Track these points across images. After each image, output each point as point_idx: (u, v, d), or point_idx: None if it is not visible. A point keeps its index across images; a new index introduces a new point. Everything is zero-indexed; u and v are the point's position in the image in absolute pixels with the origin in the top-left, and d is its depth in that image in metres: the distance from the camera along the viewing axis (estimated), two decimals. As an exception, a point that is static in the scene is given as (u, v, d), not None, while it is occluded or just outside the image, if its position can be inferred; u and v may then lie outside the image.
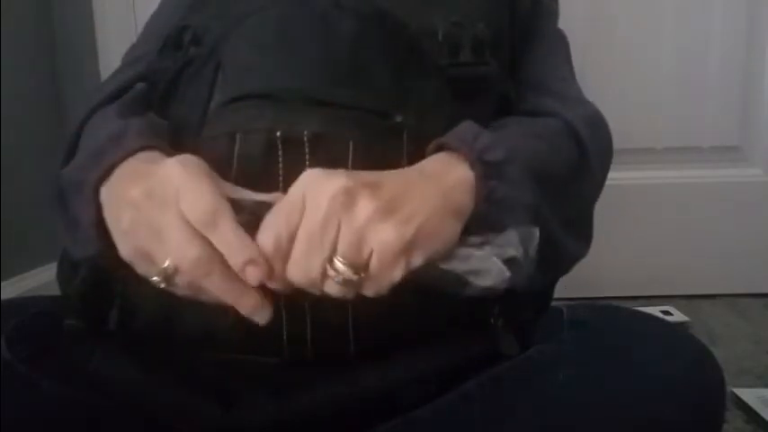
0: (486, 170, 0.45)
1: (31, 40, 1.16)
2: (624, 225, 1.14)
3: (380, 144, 0.49)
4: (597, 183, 0.58)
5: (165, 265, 0.40)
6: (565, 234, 0.52)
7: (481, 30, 0.56)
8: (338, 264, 0.39)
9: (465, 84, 0.54)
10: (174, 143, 0.52)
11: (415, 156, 0.48)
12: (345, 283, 0.39)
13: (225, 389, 0.49)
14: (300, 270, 0.39)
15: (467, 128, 0.48)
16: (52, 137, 1.11)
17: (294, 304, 0.46)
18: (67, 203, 0.50)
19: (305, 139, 0.47)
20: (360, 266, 0.39)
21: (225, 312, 0.47)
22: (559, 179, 0.52)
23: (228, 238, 0.39)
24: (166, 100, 0.56)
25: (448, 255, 0.42)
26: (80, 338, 0.50)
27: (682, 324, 1.06)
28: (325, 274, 0.39)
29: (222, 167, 0.48)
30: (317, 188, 0.40)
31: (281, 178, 0.47)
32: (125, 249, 0.42)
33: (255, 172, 0.48)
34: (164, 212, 0.40)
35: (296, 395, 0.48)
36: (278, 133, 0.47)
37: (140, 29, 0.71)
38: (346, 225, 0.39)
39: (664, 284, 1.22)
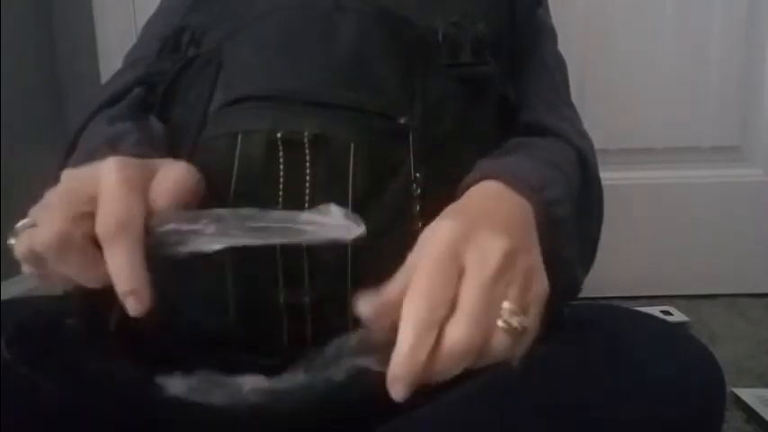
0: (551, 228, 0.44)
1: (31, 40, 1.16)
2: (624, 225, 1.14)
3: (383, 146, 0.49)
4: (601, 212, 0.58)
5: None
6: (579, 270, 0.52)
7: (481, 30, 0.56)
8: (508, 308, 0.35)
9: (466, 84, 0.54)
10: (174, 145, 0.52)
11: (423, 158, 0.48)
12: (515, 334, 0.35)
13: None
14: (473, 326, 0.34)
15: (530, 170, 0.47)
16: (52, 136, 1.11)
17: (294, 305, 0.46)
18: None
19: (305, 140, 0.47)
20: (525, 314, 0.36)
21: (225, 312, 0.47)
22: (578, 214, 0.51)
23: (120, 261, 0.37)
24: (166, 102, 0.56)
25: None
26: (80, 338, 0.50)
27: (682, 324, 1.06)
28: (495, 328, 0.35)
29: (223, 168, 0.48)
30: (476, 246, 0.36)
31: (281, 179, 0.47)
32: None
33: (256, 173, 0.48)
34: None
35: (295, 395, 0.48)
36: (278, 134, 0.47)
37: (140, 29, 0.71)
38: (515, 280, 0.36)
39: (664, 284, 1.22)
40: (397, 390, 0.34)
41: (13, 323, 0.50)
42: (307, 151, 0.47)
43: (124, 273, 0.37)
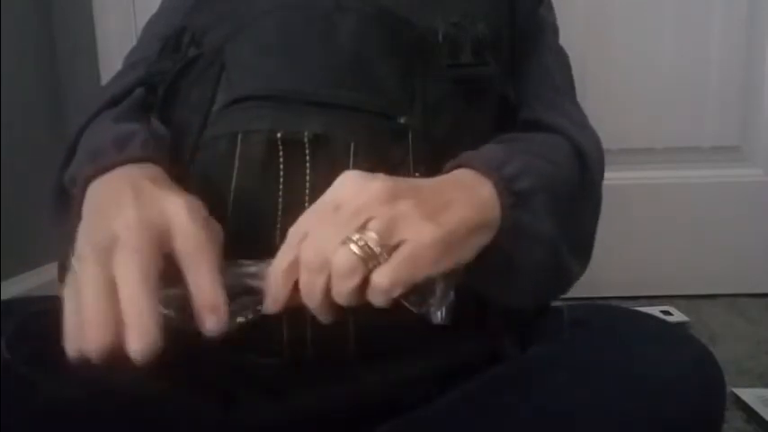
0: (513, 200, 0.44)
1: (31, 40, 1.16)
2: (624, 225, 1.14)
3: (383, 145, 0.49)
4: (598, 206, 0.58)
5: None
6: (570, 258, 0.52)
7: (481, 30, 0.56)
8: (367, 232, 0.37)
9: (466, 85, 0.54)
10: (176, 145, 0.52)
11: (423, 158, 0.48)
12: (364, 255, 0.37)
13: (225, 389, 0.49)
14: (315, 243, 0.38)
15: (493, 152, 0.47)
16: (52, 137, 1.11)
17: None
18: (64, 199, 0.51)
19: (305, 140, 0.47)
20: (387, 245, 0.38)
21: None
22: (569, 204, 0.51)
23: (206, 279, 0.39)
24: (167, 102, 0.56)
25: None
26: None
27: (682, 324, 1.06)
28: (342, 244, 0.37)
29: (223, 167, 0.48)
30: (354, 187, 0.40)
31: (281, 179, 0.47)
32: (80, 243, 0.41)
33: (256, 172, 0.48)
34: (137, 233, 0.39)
35: (296, 395, 0.48)
36: (278, 134, 0.47)
37: (140, 29, 0.71)
38: (383, 212, 0.38)
39: (664, 284, 1.22)
40: (270, 301, 0.40)
41: (13, 323, 0.50)
42: (307, 151, 0.47)
43: (208, 288, 0.39)
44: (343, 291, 0.38)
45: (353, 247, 0.37)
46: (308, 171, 0.47)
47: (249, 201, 0.47)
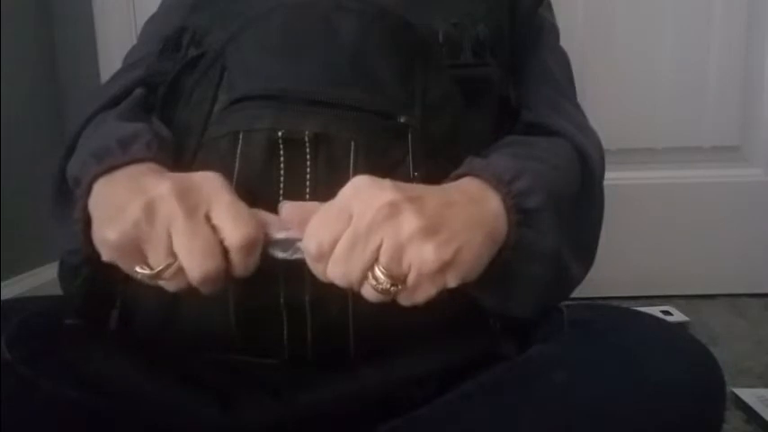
0: (520, 217, 0.45)
1: (31, 40, 1.16)
2: (624, 225, 1.14)
3: (383, 145, 0.49)
4: (602, 210, 0.58)
5: (162, 266, 0.41)
6: (573, 264, 0.52)
7: (481, 30, 0.56)
8: (378, 272, 0.40)
9: (466, 85, 0.54)
10: (178, 145, 0.52)
11: (422, 157, 0.48)
12: (383, 291, 0.40)
13: (225, 389, 0.49)
14: (340, 272, 0.41)
15: (503, 163, 0.47)
16: (52, 137, 1.11)
17: (295, 305, 0.46)
18: (65, 198, 0.51)
19: (306, 139, 0.47)
20: (398, 278, 0.40)
21: (225, 312, 0.47)
22: (574, 211, 0.51)
23: (254, 264, 0.42)
24: (168, 102, 0.56)
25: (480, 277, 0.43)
26: (80, 338, 0.50)
27: (682, 324, 1.06)
28: (364, 280, 0.41)
29: (225, 167, 0.48)
30: (365, 198, 0.41)
31: (282, 178, 0.47)
32: (113, 234, 0.41)
33: (257, 171, 0.48)
34: (190, 217, 0.41)
35: (296, 395, 0.48)
36: (279, 133, 0.48)
37: (140, 29, 0.71)
38: (389, 238, 0.40)
39: (664, 284, 1.22)
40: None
41: (14, 323, 0.50)
42: (307, 150, 0.47)
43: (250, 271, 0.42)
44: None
45: (374, 286, 0.40)
46: (308, 170, 0.47)
47: (250, 200, 0.47)
